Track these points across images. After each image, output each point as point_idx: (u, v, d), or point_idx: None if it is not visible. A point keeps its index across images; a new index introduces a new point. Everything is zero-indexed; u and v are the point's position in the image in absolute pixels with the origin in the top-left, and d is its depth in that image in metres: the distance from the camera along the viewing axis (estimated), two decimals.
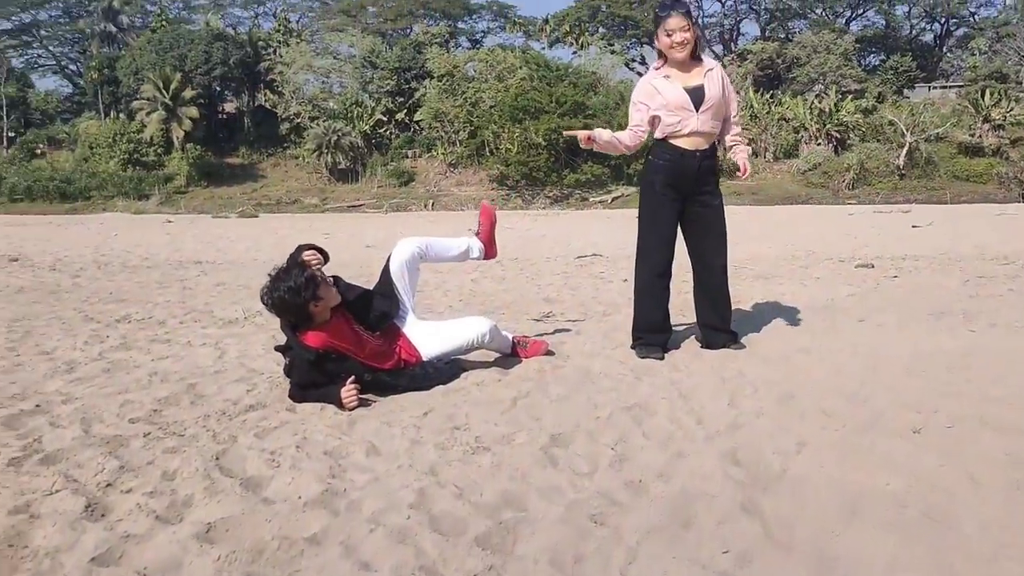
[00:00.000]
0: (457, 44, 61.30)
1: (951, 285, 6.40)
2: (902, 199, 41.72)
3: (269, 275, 3.59)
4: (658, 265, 4.25)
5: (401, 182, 50.18)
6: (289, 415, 3.39)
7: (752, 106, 50.81)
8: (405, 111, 52.39)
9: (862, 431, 2.96)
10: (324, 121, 51.27)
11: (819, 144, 49.52)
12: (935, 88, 55.68)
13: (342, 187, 51.11)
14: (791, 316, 5.12)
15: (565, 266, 8.29)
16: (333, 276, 3.79)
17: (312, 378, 3.54)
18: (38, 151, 55.46)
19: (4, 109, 56.18)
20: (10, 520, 2.40)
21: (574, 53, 57.39)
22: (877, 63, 58.90)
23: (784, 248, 9.63)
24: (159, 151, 52.47)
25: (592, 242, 10.92)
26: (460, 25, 65.05)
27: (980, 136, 46.79)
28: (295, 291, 3.47)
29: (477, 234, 4.35)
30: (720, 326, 4.33)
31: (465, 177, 50.96)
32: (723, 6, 64.41)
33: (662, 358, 4.16)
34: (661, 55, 4.18)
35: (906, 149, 45.72)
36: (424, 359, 3.89)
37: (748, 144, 4.43)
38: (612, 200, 46.08)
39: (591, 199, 46.21)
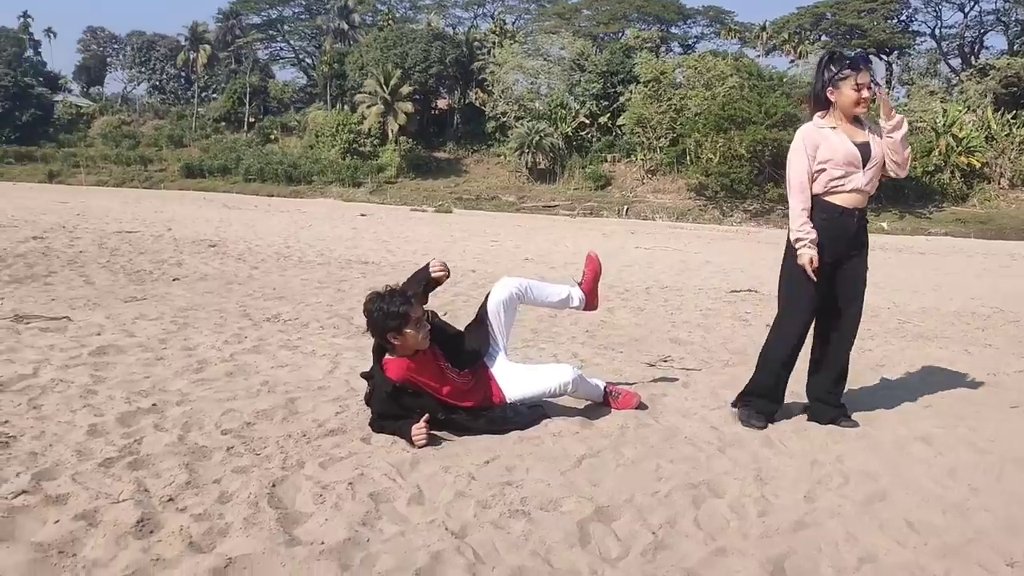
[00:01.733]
0: (669, 49, 60.49)
1: None
2: None
3: (385, 288, 3.70)
4: (798, 336, 3.99)
5: (598, 185, 50.29)
6: (361, 445, 3.49)
7: (990, 127, 46.47)
8: (608, 115, 52.45)
9: (942, 555, 2.62)
10: (528, 121, 52.31)
11: None
12: None
13: (540, 187, 52.01)
14: (933, 390, 4.63)
15: (713, 301, 7.93)
16: (432, 311, 3.86)
17: (388, 409, 3.63)
18: (272, 136, 60.68)
19: (248, 96, 61.88)
20: (72, 525, 2.64)
21: (791, 62, 54.93)
22: None
23: (970, 302, 8.66)
24: (375, 142, 55.80)
25: (756, 275, 10.35)
26: (673, 30, 64.10)
27: None
28: (383, 315, 3.56)
29: (580, 283, 4.27)
30: (829, 397, 3.99)
31: (663, 185, 50.26)
32: (965, 16, 59.03)
33: (764, 427, 3.90)
34: (824, 106, 3.91)
35: None
36: (507, 401, 3.88)
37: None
38: None
39: None
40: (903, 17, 59.98)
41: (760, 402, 4.00)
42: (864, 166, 3.82)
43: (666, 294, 8.26)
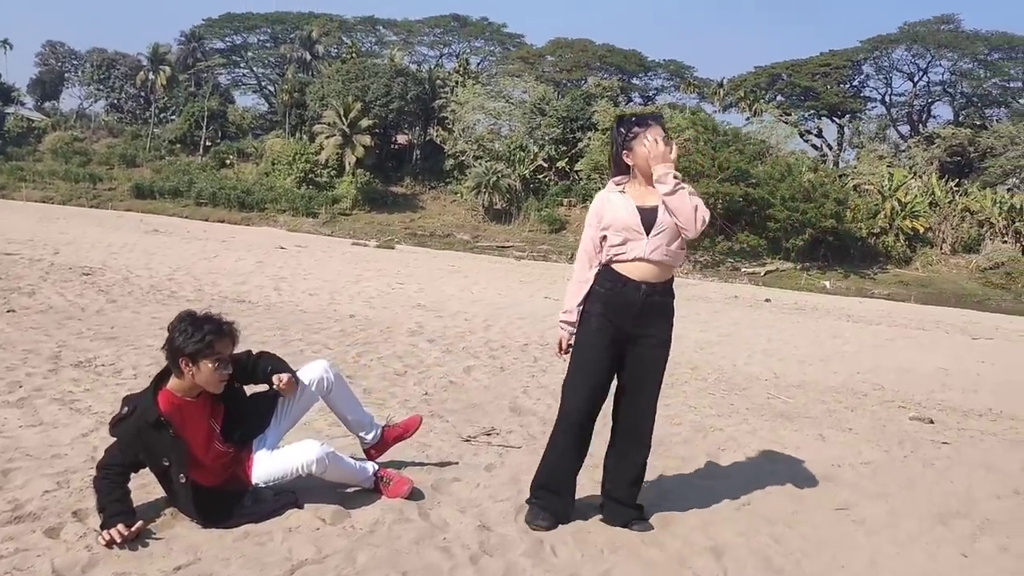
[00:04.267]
0: (629, 99, 60.95)
1: (1010, 468, 5.11)
2: None
3: (203, 310, 3.29)
4: (577, 413, 3.50)
5: (552, 229, 50.14)
6: (39, 539, 2.91)
7: (934, 193, 47.36)
8: (566, 160, 52.54)
9: None
10: (487, 161, 52.21)
11: (1005, 242, 45.32)
12: None
13: (495, 227, 51.73)
14: (761, 483, 4.17)
15: None
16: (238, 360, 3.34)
17: (127, 454, 3.11)
18: (227, 161, 59.71)
19: (205, 120, 61.01)
20: None
21: (747, 119, 55.64)
22: None
23: (854, 376, 8.30)
24: (332, 173, 55.18)
25: None
26: (634, 81, 64.71)
27: None
28: (185, 336, 3.12)
29: (387, 426, 3.88)
30: (622, 496, 3.50)
31: None
32: (914, 85, 60.44)
33: (549, 527, 3.39)
34: (624, 170, 3.50)
35: None
36: (252, 483, 3.34)
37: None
38: (765, 273, 43.94)
39: (743, 269, 44.28)
40: (855, 82, 61.20)
41: (551, 498, 3.50)
42: (648, 232, 3.38)
43: (540, 352, 7.75)
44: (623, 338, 3.47)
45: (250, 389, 3.54)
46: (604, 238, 3.47)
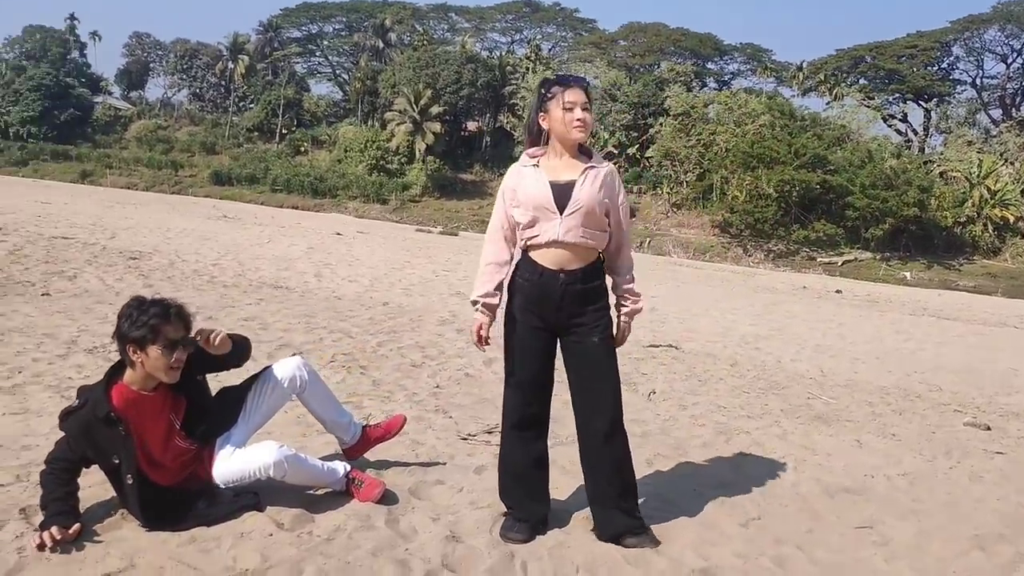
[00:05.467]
0: (703, 84, 59.55)
1: None
2: None
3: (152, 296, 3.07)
4: (512, 412, 3.22)
5: None
6: None
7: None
8: (637, 146, 51.70)
9: None
10: None
11: None
12: None
13: None
14: (778, 496, 3.77)
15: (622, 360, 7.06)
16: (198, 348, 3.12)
17: (75, 450, 2.94)
18: (302, 148, 60.78)
19: (281, 108, 62.16)
20: None
21: (827, 104, 53.74)
22: None
23: (909, 377, 7.68)
24: (402, 160, 55.60)
25: (693, 327, 9.40)
26: (709, 65, 63.22)
27: None
28: (128, 321, 2.92)
29: (368, 426, 3.67)
30: (610, 506, 3.17)
31: (687, 220, 49.26)
32: (1008, 67, 57.30)
33: (525, 540, 3.10)
34: (538, 139, 3.15)
35: None
36: (213, 482, 3.14)
37: (635, 310, 3.26)
38: (842, 263, 42.42)
39: (818, 259, 42.82)
40: (944, 65, 58.39)
41: (524, 506, 3.21)
42: (562, 211, 3.02)
43: None
44: (553, 331, 3.15)
45: (218, 384, 3.35)
46: (511, 218, 3.15)
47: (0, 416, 3.98)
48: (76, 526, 2.80)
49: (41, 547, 2.70)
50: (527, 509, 3.19)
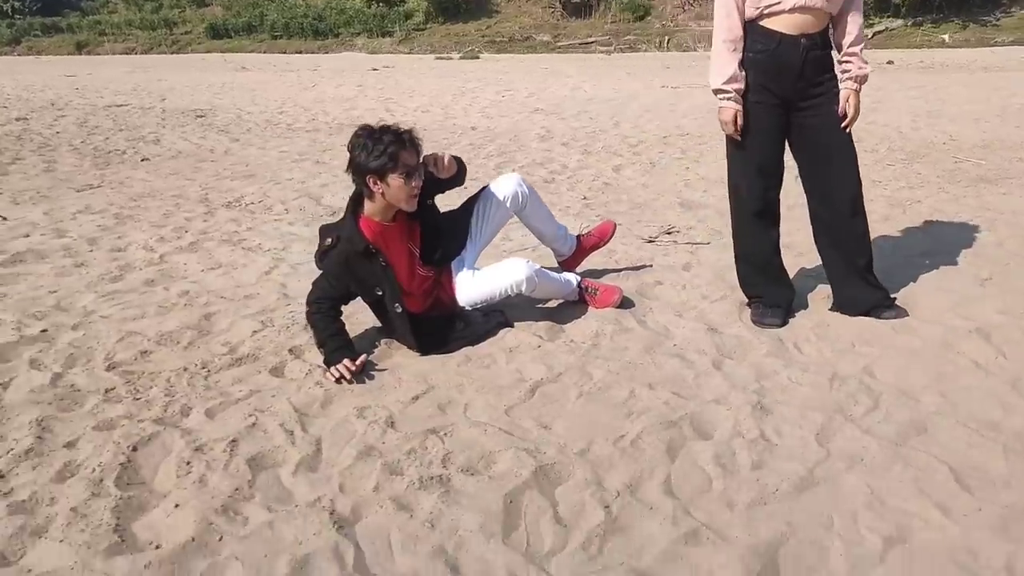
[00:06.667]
0: None
1: None
2: None
3: (379, 125, 2.98)
4: (754, 200, 3.13)
5: (636, 17, 47.16)
6: (268, 379, 2.84)
7: None
8: None
9: (1003, 529, 1.89)
10: None
11: None
12: None
13: (575, 23, 48.97)
14: (992, 258, 3.75)
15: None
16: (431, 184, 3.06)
17: (338, 283, 2.98)
18: None
19: None
20: None
21: None
22: None
23: None
24: None
25: None
26: None
27: None
28: (366, 151, 2.85)
29: (582, 235, 3.63)
30: (856, 280, 3.15)
31: (706, 10, 46.83)
32: None
33: (781, 323, 3.12)
34: None
35: None
36: (458, 305, 3.16)
37: (862, 75, 3.01)
38: (872, 35, 40.44)
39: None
40: None
41: (770, 289, 3.21)
42: None
43: (685, 143, 7.23)
44: (787, 107, 3.01)
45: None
46: None
47: (202, 272, 4.01)
48: (362, 356, 2.86)
49: (339, 380, 2.77)
50: (776, 295, 3.19)
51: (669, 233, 4.37)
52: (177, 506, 2.10)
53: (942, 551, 1.83)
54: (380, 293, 2.95)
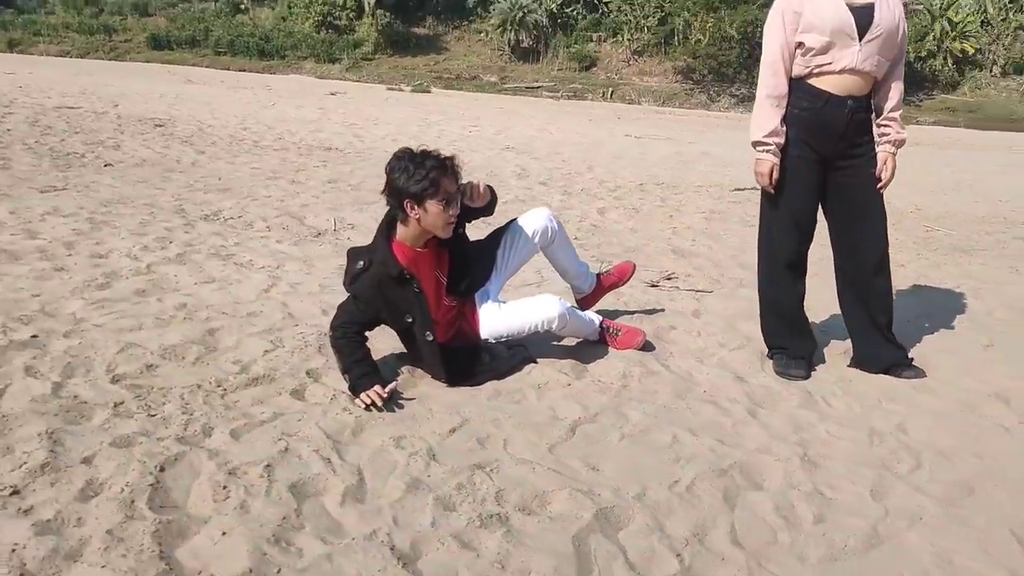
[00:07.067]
0: None
1: None
2: None
3: (420, 149, 2.90)
4: (787, 252, 3.17)
5: (582, 66, 48.13)
6: (290, 402, 2.70)
7: (987, 11, 44.68)
8: None
9: None
10: None
11: None
12: None
13: (523, 67, 49.72)
14: (986, 326, 3.88)
15: (715, 201, 7.02)
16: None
17: (368, 308, 2.87)
18: (242, 7, 57.30)
19: None
20: None
21: None
22: None
23: (999, 205, 7.82)
24: (351, 15, 52.82)
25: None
26: None
27: None
28: (407, 174, 2.77)
29: (602, 273, 3.60)
30: (877, 337, 3.21)
31: (649, 67, 48.18)
32: None
33: (806, 376, 3.14)
34: None
35: None
36: (482, 338, 3.08)
37: (900, 139, 3.14)
38: None
39: None
40: None
41: (795, 342, 3.23)
42: (861, 38, 2.89)
43: (663, 192, 7.34)
44: (825, 166, 3.08)
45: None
46: (800, 44, 2.98)
47: (195, 286, 3.83)
48: (392, 383, 2.75)
49: (369, 407, 2.66)
50: (800, 347, 3.22)
51: (669, 279, 4.38)
52: (224, 534, 1.96)
53: None
54: (411, 320, 2.86)
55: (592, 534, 2.05)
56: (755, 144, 3.07)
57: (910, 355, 3.28)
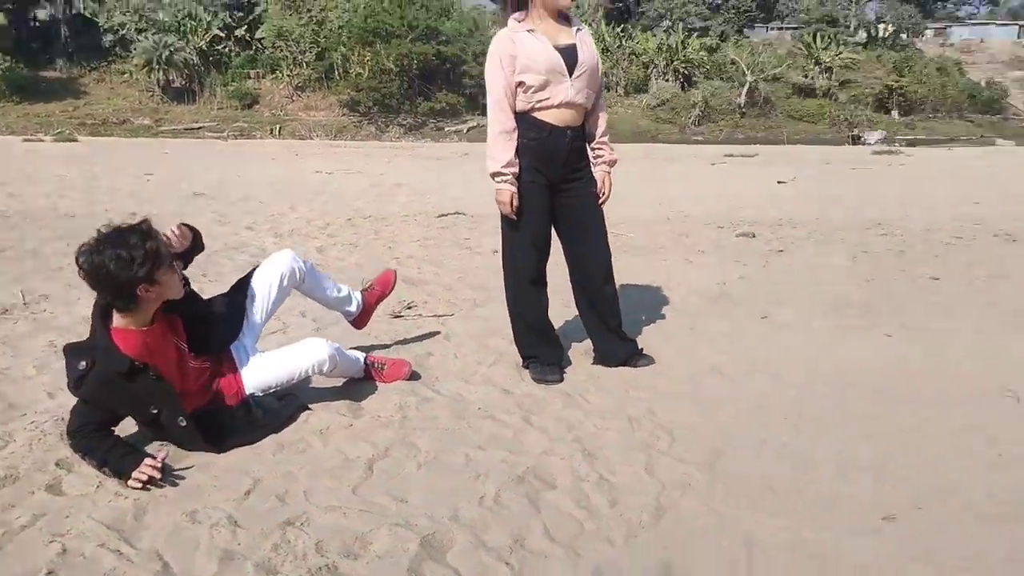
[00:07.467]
0: None
1: (840, 263, 5.99)
2: (743, 136, 42.70)
3: (99, 231, 2.54)
4: (529, 270, 3.46)
5: (244, 104, 46.72)
6: (48, 500, 2.41)
7: (604, 39, 50.68)
8: (245, 27, 48.65)
9: (819, 523, 2.32)
10: (154, 34, 46.78)
11: (667, 80, 50.01)
12: (772, 29, 57.70)
13: (178, 108, 47.03)
14: (685, 312, 4.51)
15: (426, 229, 7.29)
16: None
17: (104, 411, 2.60)
18: None
19: None
20: None
21: None
22: (720, 1, 59.66)
23: (657, 208, 9.02)
24: None
25: (453, 196, 9.85)
26: None
27: (812, 78, 48.40)
28: (125, 262, 2.45)
29: (365, 290, 3.64)
30: (612, 336, 3.61)
31: (314, 101, 48.06)
32: None
33: (560, 379, 3.43)
34: (521, 5, 3.32)
35: (746, 88, 46.70)
36: (246, 395, 2.96)
37: (612, 159, 3.58)
38: (468, 130, 44.83)
39: (446, 128, 44.84)
40: None
41: (545, 350, 3.52)
42: (571, 74, 3.29)
43: (373, 224, 7.44)
44: (553, 190, 3.42)
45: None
46: (521, 83, 3.29)
47: None
48: (162, 453, 2.55)
49: (146, 484, 2.44)
50: (550, 354, 3.51)
51: (410, 308, 4.50)
52: None
53: (798, 545, 2.21)
54: (155, 411, 2.64)
55: (423, 562, 2.10)
56: (494, 175, 3.30)
57: (640, 346, 3.71)
